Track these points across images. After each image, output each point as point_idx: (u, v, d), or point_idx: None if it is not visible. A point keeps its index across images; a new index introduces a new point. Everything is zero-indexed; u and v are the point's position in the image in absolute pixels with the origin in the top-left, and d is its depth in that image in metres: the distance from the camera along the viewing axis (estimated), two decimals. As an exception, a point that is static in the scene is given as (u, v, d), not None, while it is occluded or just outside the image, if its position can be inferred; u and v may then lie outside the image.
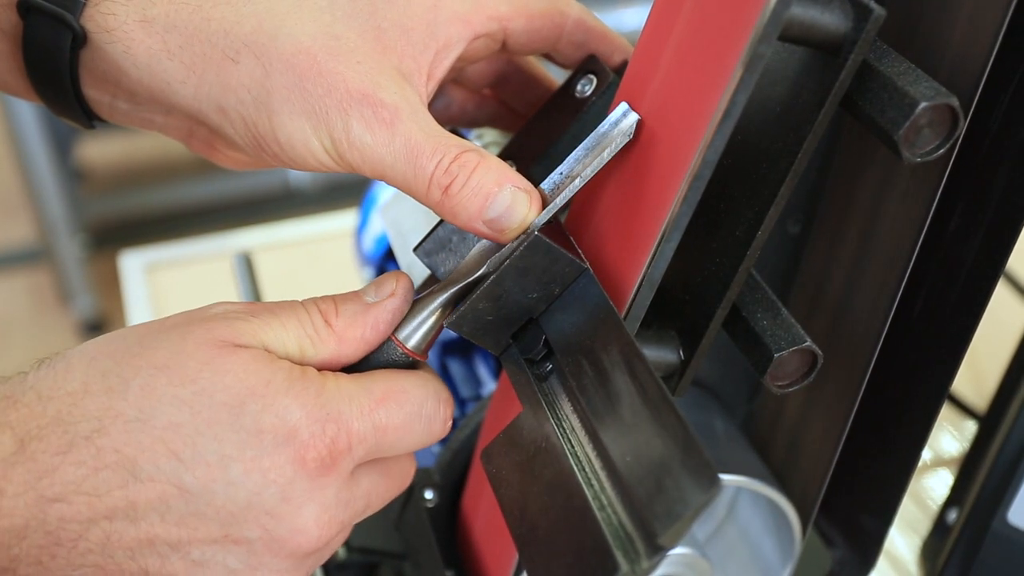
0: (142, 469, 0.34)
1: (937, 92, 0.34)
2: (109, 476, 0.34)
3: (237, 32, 0.39)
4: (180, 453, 0.35)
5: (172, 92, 0.40)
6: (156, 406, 0.35)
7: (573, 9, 0.44)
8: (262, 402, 0.35)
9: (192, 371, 0.35)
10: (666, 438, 0.32)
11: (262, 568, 0.36)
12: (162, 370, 0.35)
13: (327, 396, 0.36)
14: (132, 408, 0.35)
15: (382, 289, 0.39)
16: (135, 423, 0.34)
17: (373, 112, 0.38)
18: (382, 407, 0.38)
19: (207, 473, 0.35)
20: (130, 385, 0.35)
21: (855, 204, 0.45)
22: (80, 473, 0.34)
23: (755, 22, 0.32)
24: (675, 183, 0.35)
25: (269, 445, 0.35)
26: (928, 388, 0.45)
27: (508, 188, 0.38)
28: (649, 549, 0.31)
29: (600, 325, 0.37)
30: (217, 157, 0.47)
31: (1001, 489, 0.52)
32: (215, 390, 0.35)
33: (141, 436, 0.34)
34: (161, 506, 0.35)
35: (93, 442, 0.34)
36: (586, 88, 0.43)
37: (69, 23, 0.39)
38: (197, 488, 0.35)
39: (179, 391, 0.35)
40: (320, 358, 0.38)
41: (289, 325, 0.38)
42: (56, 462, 0.34)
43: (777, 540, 0.52)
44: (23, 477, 0.33)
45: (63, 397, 0.35)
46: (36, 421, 0.34)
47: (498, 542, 0.45)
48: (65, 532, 0.34)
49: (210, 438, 0.35)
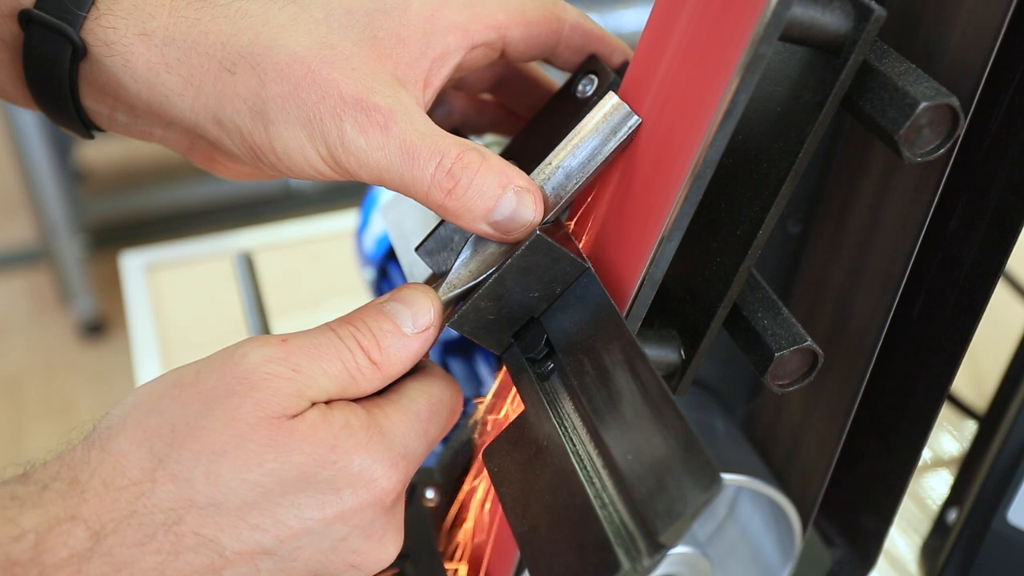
0: (225, 545, 0.35)
1: (937, 92, 0.34)
2: (192, 557, 0.34)
3: (234, 44, 0.39)
4: (261, 525, 0.35)
5: (170, 105, 0.40)
6: (226, 491, 0.35)
7: (570, 14, 0.44)
8: (334, 468, 0.36)
9: (255, 455, 0.35)
10: (667, 437, 0.32)
11: None
12: (222, 456, 0.35)
13: (390, 438, 0.37)
14: (202, 496, 0.34)
15: (420, 319, 0.38)
16: (210, 508, 0.34)
17: (367, 116, 0.38)
18: (432, 424, 0.39)
19: (291, 534, 0.35)
20: (194, 473, 0.34)
21: (855, 204, 0.45)
22: (161, 560, 0.34)
23: (756, 22, 0.32)
24: (676, 183, 0.35)
25: (349, 499, 0.36)
26: (928, 388, 0.45)
27: (512, 189, 0.38)
28: (650, 547, 0.31)
29: (602, 324, 0.37)
30: (219, 169, 0.47)
31: (1001, 489, 0.52)
32: (283, 469, 0.35)
33: (218, 518, 0.35)
34: (250, 566, 0.35)
35: (172, 530, 0.34)
36: (587, 88, 0.43)
37: (69, 36, 0.39)
38: (283, 550, 0.36)
39: (247, 475, 0.35)
40: (362, 392, 0.38)
41: (331, 371, 0.37)
42: (135, 554, 0.34)
43: (777, 539, 0.52)
44: (100, 571, 0.33)
45: (130, 487, 0.34)
46: (109, 514, 0.34)
47: (498, 542, 0.45)
48: None
49: (287, 507, 0.35)
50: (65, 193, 1.96)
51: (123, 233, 2.13)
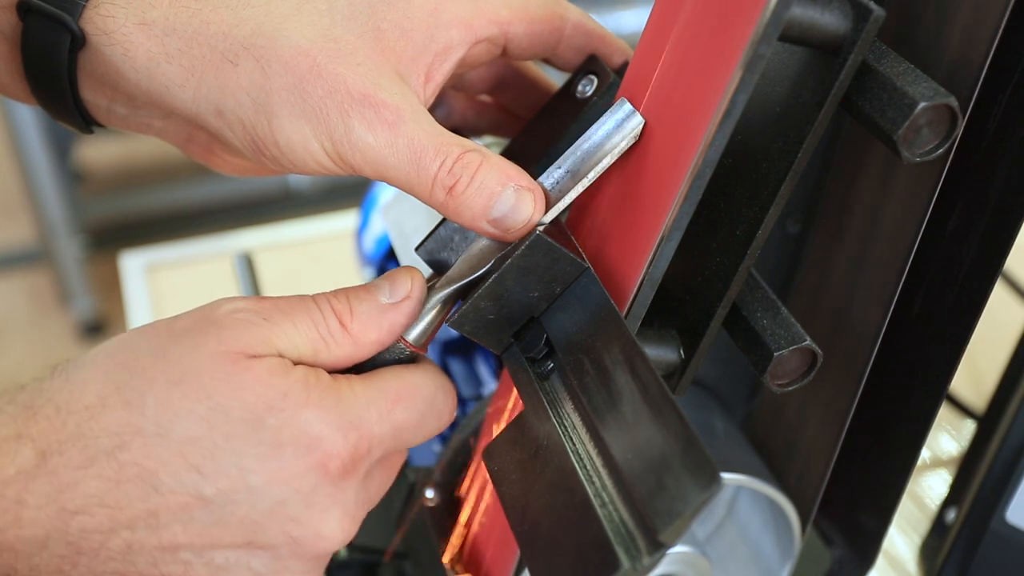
0: (163, 482, 0.34)
1: (936, 92, 0.34)
2: (130, 489, 0.34)
3: (236, 35, 0.39)
4: (200, 467, 0.35)
5: (170, 96, 0.40)
6: (174, 420, 0.35)
7: (572, 13, 0.44)
8: (281, 416, 0.35)
9: (207, 386, 0.35)
10: (667, 436, 0.32)
11: (285, 571, 0.37)
12: (177, 384, 0.35)
13: (345, 404, 0.36)
14: (150, 423, 0.34)
15: (397, 289, 0.39)
16: (154, 438, 0.34)
17: (375, 113, 0.38)
18: (398, 407, 0.38)
19: (228, 484, 0.35)
20: (146, 399, 0.35)
21: (854, 204, 0.45)
22: (102, 486, 0.34)
23: (755, 23, 0.32)
24: (676, 183, 0.36)
25: (290, 456, 0.35)
26: (927, 387, 0.46)
27: (512, 187, 0.38)
28: (650, 546, 0.31)
29: (601, 324, 0.37)
30: (215, 163, 0.47)
31: (1000, 488, 0.52)
32: (232, 406, 0.35)
33: (160, 450, 0.34)
34: (184, 516, 0.35)
35: (114, 457, 0.34)
36: (587, 88, 0.44)
37: (68, 25, 0.39)
38: (219, 499, 0.35)
39: (195, 406, 0.35)
40: (333, 360, 0.38)
41: (302, 327, 0.37)
42: (78, 476, 0.34)
43: (777, 539, 0.52)
44: (45, 490, 0.34)
45: (81, 411, 0.35)
46: (56, 435, 0.34)
47: (498, 541, 0.45)
48: (86, 542, 0.34)
49: (229, 452, 0.35)
50: (64, 193, 1.96)
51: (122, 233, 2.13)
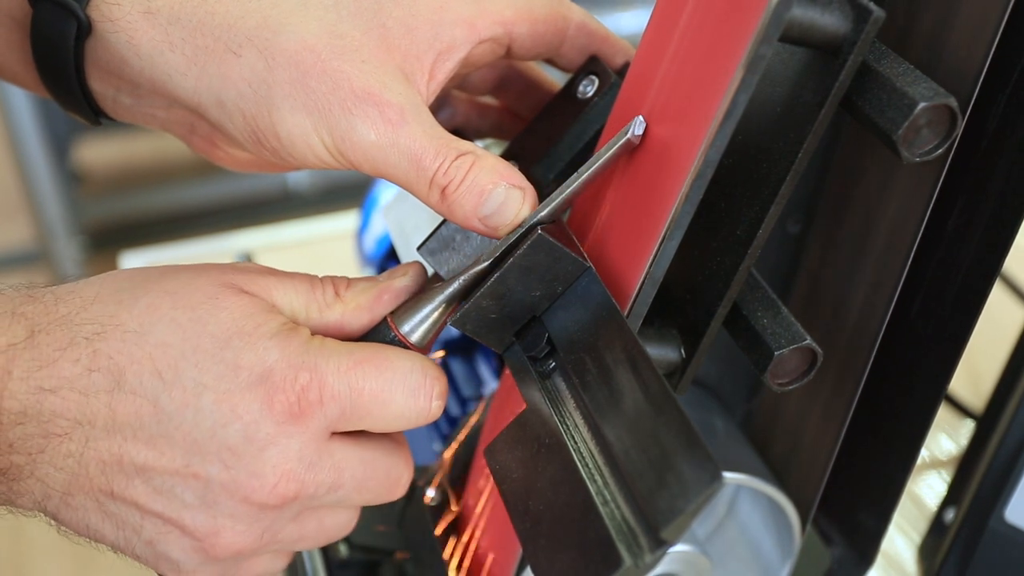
0: (127, 380, 0.36)
1: (936, 92, 0.35)
2: (99, 379, 0.36)
3: (240, 27, 0.39)
4: (163, 373, 0.36)
5: (173, 84, 0.40)
6: (154, 324, 0.37)
7: (575, 13, 0.44)
8: (246, 340, 0.37)
9: (195, 300, 0.37)
10: (668, 434, 0.32)
11: (215, 507, 0.37)
12: (169, 294, 0.37)
13: (308, 348, 0.38)
14: (133, 321, 0.37)
15: (394, 272, 0.41)
16: (131, 334, 0.36)
17: (379, 112, 0.38)
18: (360, 368, 0.38)
19: (182, 397, 0.36)
20: (138, 301, 0.37)
21: (854, 204, 0.45)
22: (75, 370, 0.36)
23: (756, 23, 0.32)
24: (677, 183, 0.36)
25: (243, 382, 0.37)
26: (926, 387, 0.46)
27: (503, 186, 0.38)
28: (652, 543, 0.32)
29: (603, 323, 0.37)
30: (217, 155, 0.47)
31: (999, 488, 0.52)
32: (208, 320, 0.37)
33: (133, 348, 0.36)
34: (135, 421, 0.36)
35: (92, 344, 0.36)
36: (588, 89, 0.44)
37: (75, 12, 0.40)
38: (170, 409, 0.36)
39: (177, 315, 0.37)
40: (323, 323, 0.40)
41: (300, 289, 0.39)
42: (56, 356, 0.36)
43: (776, 538, 0.52)
44: (27, 364, 0.36)
45: (75, 300, 0.37)
46: (47, 317, 0.36)
47: (500, 540, 0.45)
48: (54, 426, 0.36)
49: (192, 364, 0.36)
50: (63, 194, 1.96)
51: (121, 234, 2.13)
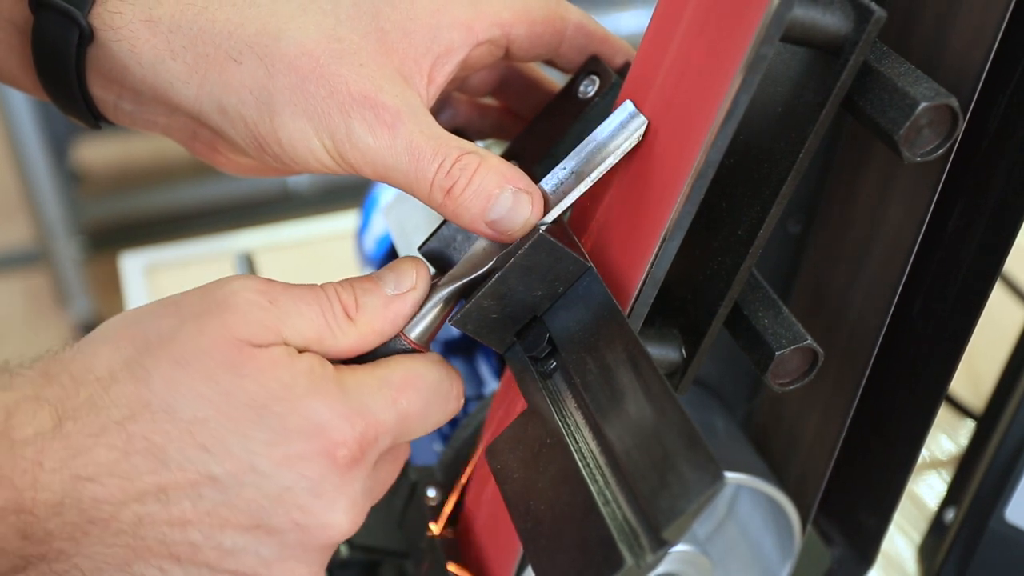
0: (171, 458, 0.35)
1: (937, 92, 0.35)
2: (139, 462, 0.35)
3: (240, 34, 0.39)
4: (208, 446, 0.35)
5: (175, 92, 0.40)
6: (180, 400, 0.35)
7: (573, 14, 0.44)
8: (286, 405, 0.36)
9: (212, 371, 0.35)
10: (670, 434, 0.32)
11: (292, 559, 0.37)
12: (182, 365, 0.35)
13: (350, 392, 0.37)
14: (158, 399, 0.35)
15: (402, 281, 0.39)
16: (161, 413, 0.35)
17: (375, 114, 0.38)
18: (404, 395, 0.38)
19: (236, 466, 0.35)
20: (153, 376, 0.35)
21: (855, 204, 0.45)
22: (112, 456, 0.35)
23: (758, 24, 0.32)
24: (678, 182, 0.36)
25: (297, 443, 0.36)
26: (927, 387, 0.46)
27: (509, 190, 0.38)
28: (653, 543, 0.32)
29: (604, 323, 0.37)
30: (219, 161, 0.47)
31: (999, 487, 0.52)
32: (237, 392, 0.35)
33: (168, 426, 0.35)
34: (192, 493, 0.35)
35: (124, 427, 0.35)
36: (589, 89, 0.44)
37: (77, 20, 0.40)
38: (227, 479, 0.35)
39: (201, 389, 0.35)
40: (337, 349, 0.38)
41: (308, 314, 0.37)
42: (90, 443, 0.35)
43: (777, 538, 0.52)
44: (60, 454, 0.34)
45: (93, 381, 0.35)
46: (71, 401, 0.35)
47: (501, 539, 0.45)
48: (98, 511, 0.35)
49: (235, 435, 0.35)
50: (62, 194, 1.96)
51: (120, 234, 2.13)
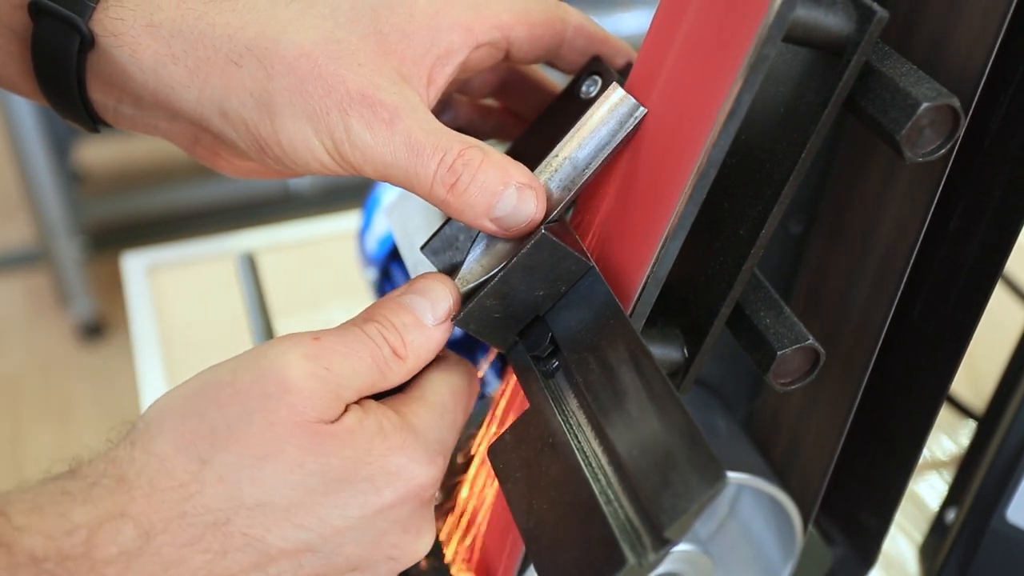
0: (272, 544, 0.36)
1: (939, 93, 0.35)
2: (239, 556, 0.35)
3: (240, 37, 0.39)
4: (305, 524, 0.36)
5: (176, 96, 0.40)
6: (272, 492, 0.35)
7: (573, 16, 0.44)
8: (370, 468, 0.37)
9: (295, 458, 0.36)
10: (672, 433, 0.32)
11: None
12: (264, 459, 0.35)
13: (423, 435, 0.38)
14: (250, 498, 0.35)
15: (439, 309, 0.39)
16: (256, 509, 0.35)
17: (372, 112, 0.38)
18: (459, 414, 0.40)
19: (334, 532, 0.37)
20: (240, 476, 0.35)
21: (856, 204, 0.45)
22: (208, 559, 0.35)
23: (760, 24, 0.33)
24: (681, 182, 0.36)
25: (390, 496, 0.37)
26: (928, 387, 0.46)
27: (514, 186, 0.38)
28: (655, 542, 0.32)
29: (606, 322, 0.37)
30: (221, 164, 0.47)
31: (1000, 488, 0.52)
32: (323, 471, 0.36)
33: (265, 518, 0.35)
34: (294, 562, 0.36)
35: (220, 530, 0.35)
36: (591, 89, 0.44)
37: (77, 26, 0.40)
38: (327, 546, 0.37)
39: (289, 477, 0.36)
40: (390, 385, 0.39)
41: (361, 369, 0.38)
42: (184, 554, 0.34)
43: (778, 537, 0.52)
44: (149, 569, 0.34)
45: (177, 489, 0.35)
46: (158, 514, 0.34)
47: (502, 539, 0.45)
48: None
49: (331, 507, 0.36)
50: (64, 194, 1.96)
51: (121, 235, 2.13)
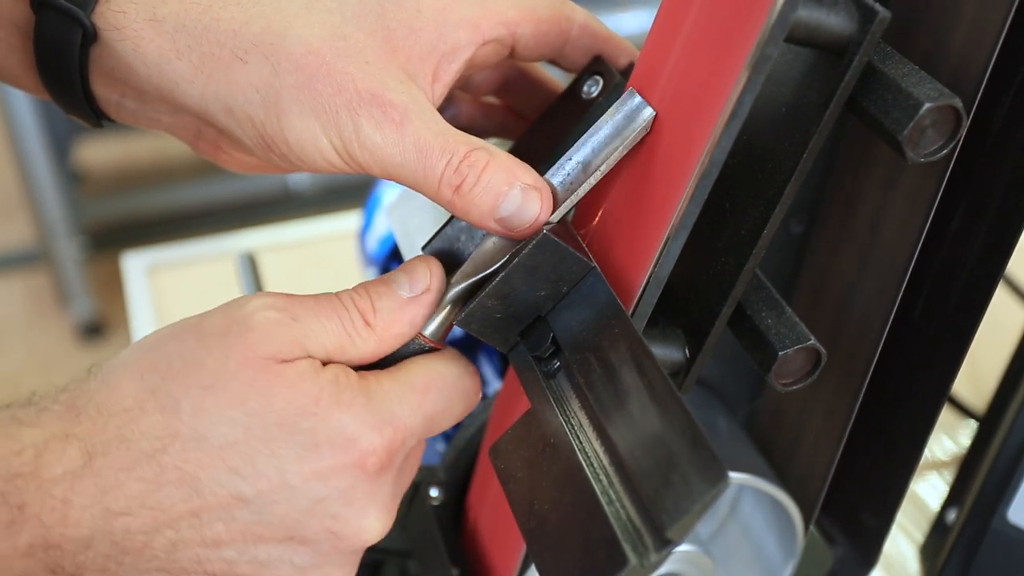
0: (204, 485, 0.35)
1: (941, 93, 0.35)
2: (172, 492, 0.35)
3: (246, 32, 0.39)
4: (239, 469, 0.36)
5: (180, 91, 0.40)
6: (211, 426, 0.35)
7: (578, 14, 0.44)
8: (314, 419, 0.36)
9: (239, 393, 0.36)
10: (674, 433, 0.32)
11: (327, 565, 0.38)
12: (209, 390, 0.36)
13: (377, 401, 0.37)
14: (187, 428, 0.35)
15: (416, 283, 0.40)
16: (192, 442, 0.35)
17: (383, 112, 0.38)
18: (428, 398, 0.39)
19: (268, 485, 0.36)
20: (181, 405, 0.35)
21: (857, 205, 0.45)
22: (144, 488, 0.35)
23: (762, 24, 0.33)
24: (682, 182, 0.36)
25: (328, 456, 0.36)
26: (929, 388, 0.46)
27: (519, 186, 0.38)
28: (657, 543, 0.32)
29: (608, 323, 0.37)
30: (223, 159, 0.47)
31: (1001, 488, 0.52)
32: (264, 411, 0.36)
33: (199, 454, 0.35)
34: (225, 515, 0.36)
35: (155, 459, 0.35)
36: (592, 89, 0.44)
37: (80, 20, 0.40)
38: (259, 500, 0.36)
39: (229, 412, 0.35)
40: (359, 355, 0.39)
41: (329, 327, 0.38)
42: (121, 478, 0.35)
43: (779, 538, 0.52)
44: (90, 491, 0.34)
45: (121, 413, 0.35)
46: (100, 436, 0.35)
47: (503, 538, 0.45)
48: (131, 542, 0.35)
49: (267, 455, 0.36)
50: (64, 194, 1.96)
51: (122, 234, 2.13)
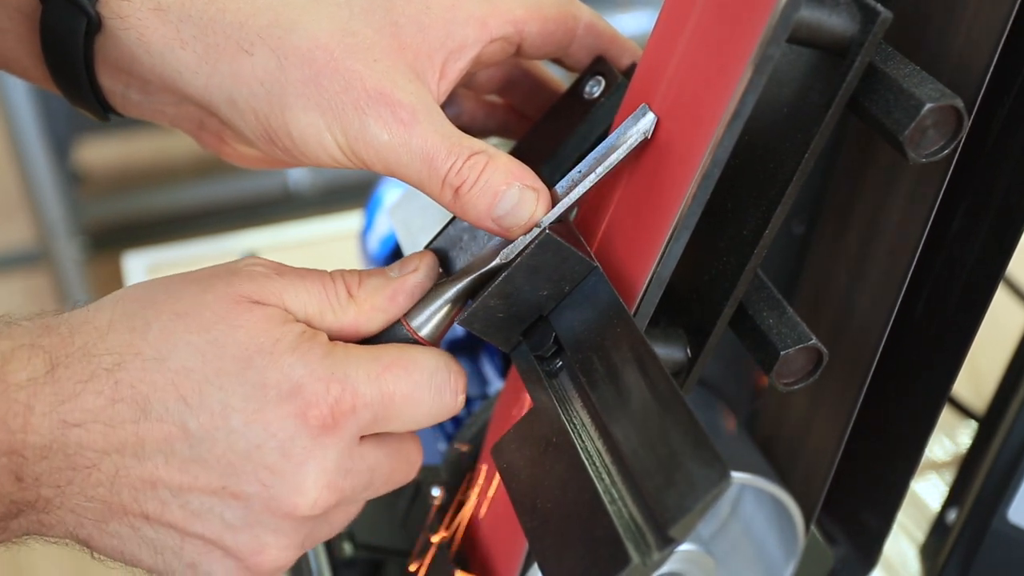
0: (152, 408, 0.36)
1: (942, 93, 0.35)
2: (123, 409, 0.36)
3: (252, 24, 0.39)
4: (188, 398, 0.36)
5: (184, 82, 0.40)
6: (172, 349, 0.36)
7: (584, 13, 0.45)
8: (268, 359, 0.36)
9: (208, 321, 0.37)
10: (676, 432, 0.33)
11: (258, 526, 0.37)
12: (181, 317, 0.37)
13: (334, 358, 0.37)
14: (150, 348, 0.36)
15: (406, 266, 0.40)
16: (151, 362, 0.36)
17: (391, 112, 0.38)
18: (389, 372, 0.38)
19: (211, 420, 0.36)
20: (151, 327, 0.36)
21: (858, 205, 0.45)
22: (98, 402, 0.36)
23: (764, 24, 0.33)
24: (684, 182, 0.36)
25: (272, 399, 0.36)
26: (930, 388, 0.46)
27: (516, 186, 0.38)
28: (660, 541, 0.32)
29: (610, 322, 0.37)
30: (226, 151, 0.47)
31: (1001, 488, 0.52)
32: (227, 342, 0.36)
33: (155, 375, 0.36)
34: (166, 447, 0.36)
35: (113, 375, 0.36)
36: (594, 89, 0.44)
37: (85, 8, 0.40)
38: (200, 434, 0.36)
39: (194, 338, 0.36)
40: (338, 325, 0.39)
41: (313, 290, 0.39)
42: (78, 389, 0.35)
43: (780, 537, 0.52)
44: (49, 399, 0.35)
45: (90, 331, 0.36)
46: (65, 349, 0.36)
47: (506, 537, 0.45)
48: (81, 458, 0.35)
49: (216, 387, 0.36)
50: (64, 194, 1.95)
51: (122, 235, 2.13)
